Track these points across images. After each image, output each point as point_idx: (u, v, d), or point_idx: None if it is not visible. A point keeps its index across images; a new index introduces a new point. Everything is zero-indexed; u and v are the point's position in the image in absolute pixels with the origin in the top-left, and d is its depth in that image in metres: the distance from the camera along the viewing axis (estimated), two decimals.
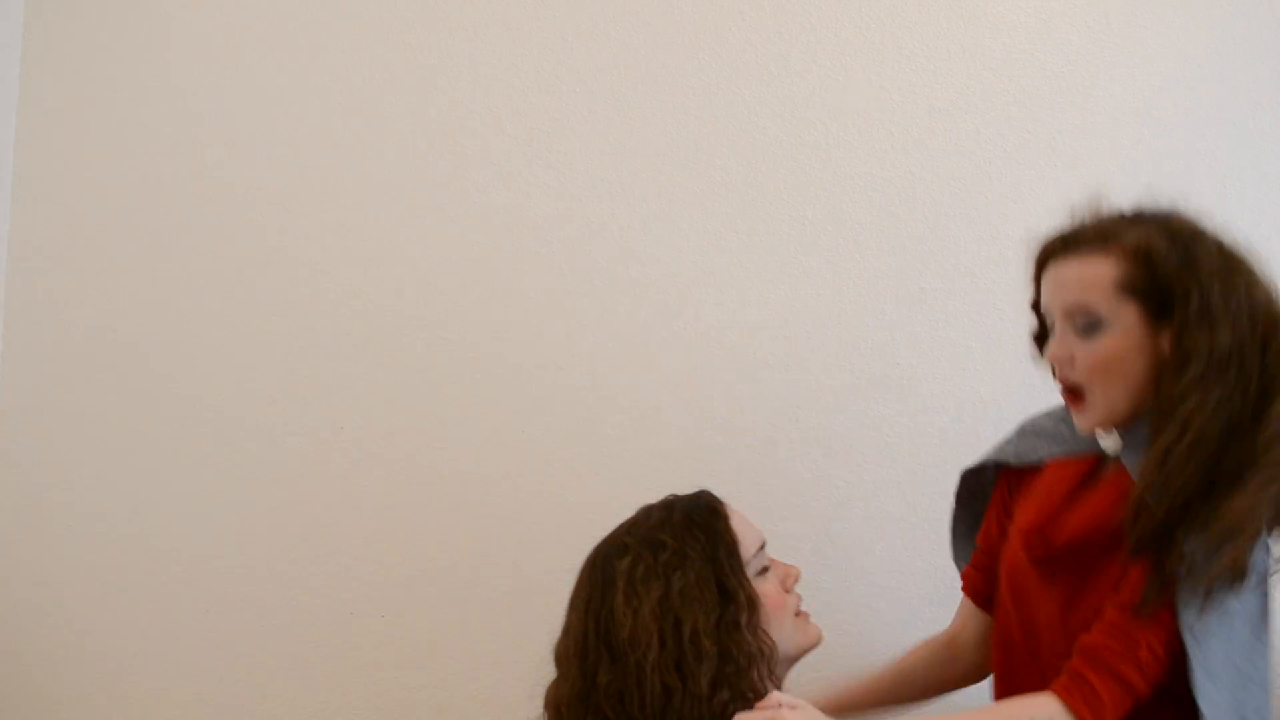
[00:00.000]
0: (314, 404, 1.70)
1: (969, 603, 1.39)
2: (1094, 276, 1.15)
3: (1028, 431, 1.36)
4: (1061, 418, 1.32)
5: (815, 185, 1.74)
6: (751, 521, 1.19)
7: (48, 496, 1.70)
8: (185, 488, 1.70)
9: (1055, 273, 1.20)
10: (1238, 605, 1.06)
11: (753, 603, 1.10)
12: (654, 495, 1.68)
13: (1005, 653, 1.27)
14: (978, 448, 1.69)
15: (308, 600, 1.67)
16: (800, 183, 1.74)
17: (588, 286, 1.73)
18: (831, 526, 1.69)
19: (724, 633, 1.06)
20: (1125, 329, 1.13)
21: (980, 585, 1.36)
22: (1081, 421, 1.19)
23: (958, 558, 1.45)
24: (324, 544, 1.68)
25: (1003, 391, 1.67)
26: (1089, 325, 1.14)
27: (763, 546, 1.18)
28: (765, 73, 1.76)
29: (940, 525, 1.47)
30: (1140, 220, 1.19)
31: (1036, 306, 1.26)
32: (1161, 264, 1.12)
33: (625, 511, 1.67)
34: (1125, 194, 1.78)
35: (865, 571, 1.68)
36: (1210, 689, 1.03)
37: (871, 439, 1.70)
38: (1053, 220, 1.26)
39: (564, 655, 1.11)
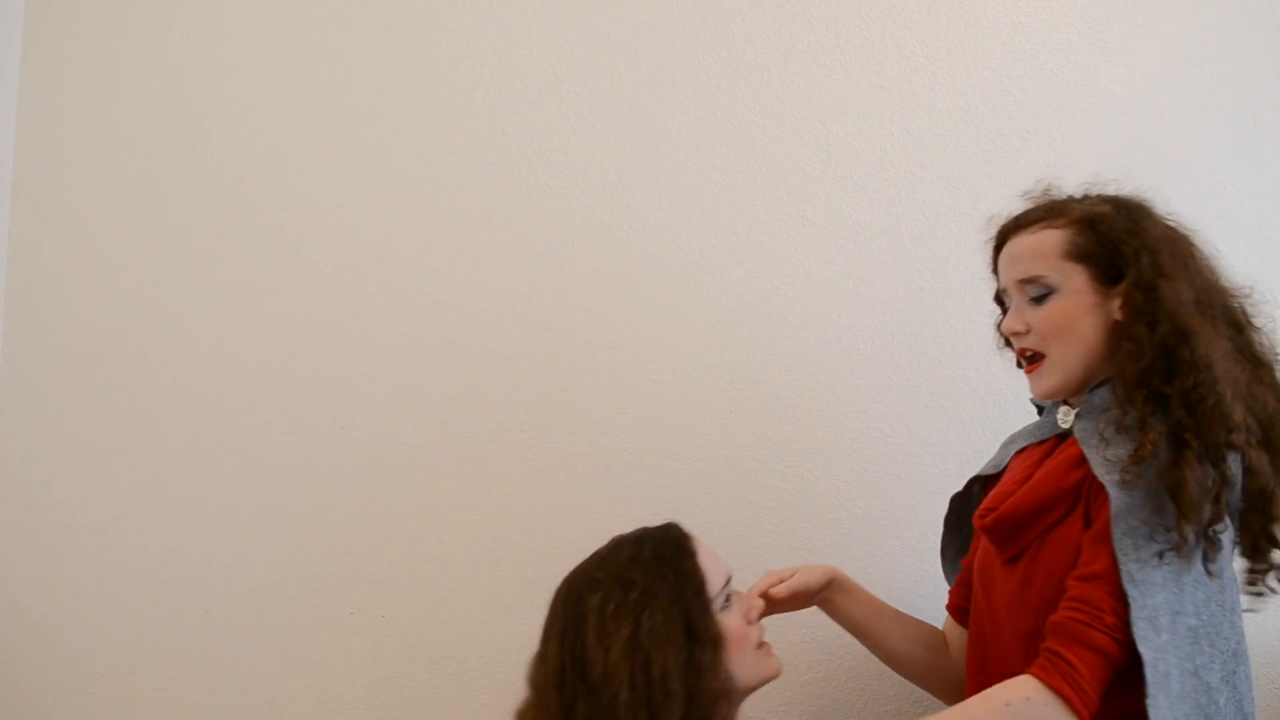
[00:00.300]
0: (315, 404, 1.71)
1: (949, 619, 1.40)
2: (1042, 245, 1.19)
3: (1006, 443, 1.38)
4: (1038, 422, 1.33)
5: (815, 185, 1.74)
6: (718, 554, 1.21)
7: (47, 496, 1.70)
8: (185, 487, 1.70)
9: (1008, 251, 1.24)
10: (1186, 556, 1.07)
11: (717, 642, 1.13)
12: (653, 495, 1.69)
13: (977, 644, 1.28)
14: (979, 447, 1.70)
15: (308, 600, 1.67)
16: (800, 183, 1.74)
17: (587, 286, 1.73)
18: (831, 526, 1.69)
19: (691, 673, 1.08)
20: (1074, 292, 1.16)
21: (960, 601, 1.37)
22: (1037, 384, 1.21)
23: (949, 579, 1.46)
24: (324, 544, 1.68)
25: (1004, 391, 1.67)
26: (1041, 293, 1.18)
27: (728, 580, 1.20)
28: (765, 73, 1.76)
29: (940, 525, 1.48)
30: (1088, 197, 1.23)
31: (1000, 300, 1.29)
32: (1108, 229, 1.16)
33: (624, 510, 1.68)
34: (1124, 194, 1.78)
35: (865, 571, 1.68)
36: (1151, 635, 1.03)
37: (872, 439, 1.70)
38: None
39: (540, 683, 1.14)
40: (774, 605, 1.34)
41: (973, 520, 1.30)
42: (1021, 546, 1.19)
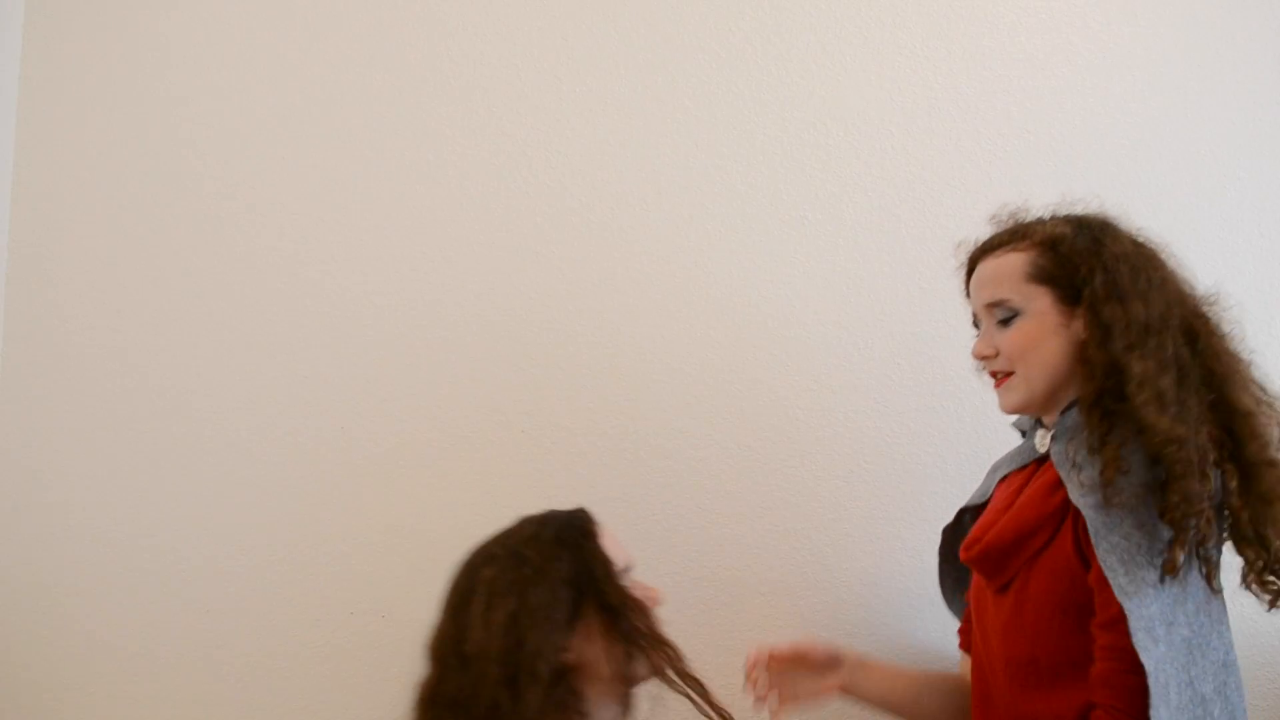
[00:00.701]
0: (315, 404, 1.70)
1: (964, 656, 1.39)
2: (1007, 268, 1.21)
3: (991, 470, 1.38)
4: (1019, 446, 1.34)
5: (815, 185, 1.74)
6: (621, 544, 1.22)
7: (48, 496, 1.70)
8: (185, 487, 1.70)
9: (976, 275, 1.26)
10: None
11: (643, 608, 1.16)
12: (653, 495, 1.69)
13: (978, 675, 1.28)
14: (979, 448, 1.70)
15: (308, 600, 1.67)
16: (800, 183, 1.74)
17: (587, 286, 1.73)
18: (831, 526, 1.69)
19: (559, 654, 1.09)
20: (1039, 313, 1.18)
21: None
22: (1003, 400, 1.23)
23: (953, 611, 1.47)
24: (324, 544, 1.68)
25: None
26: (1007, 316, 1.20)
27: (628, 569, 1.21)
28: (765, 73, 1.76)
29: (941, 525, 1.48)
30: (1054, 218, 1.24)
31: (976, 323, 1.30)
32: (1068, 249, 1.17)
33: (623, 510, 1.68)
34: (1124, 194, 1.79)
35: (865, 572, 1.69)
36: (1150, 646, 1.04)
37: (872, 439, 1.71)
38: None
39: (436, 651, 1.15)
40: (785, 682, 1.32)
41: (959, 554, 1.30)
42: (1010, 575, 1.19)
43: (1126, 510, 1.08)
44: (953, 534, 1.43)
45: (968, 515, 1.40)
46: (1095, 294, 1.14)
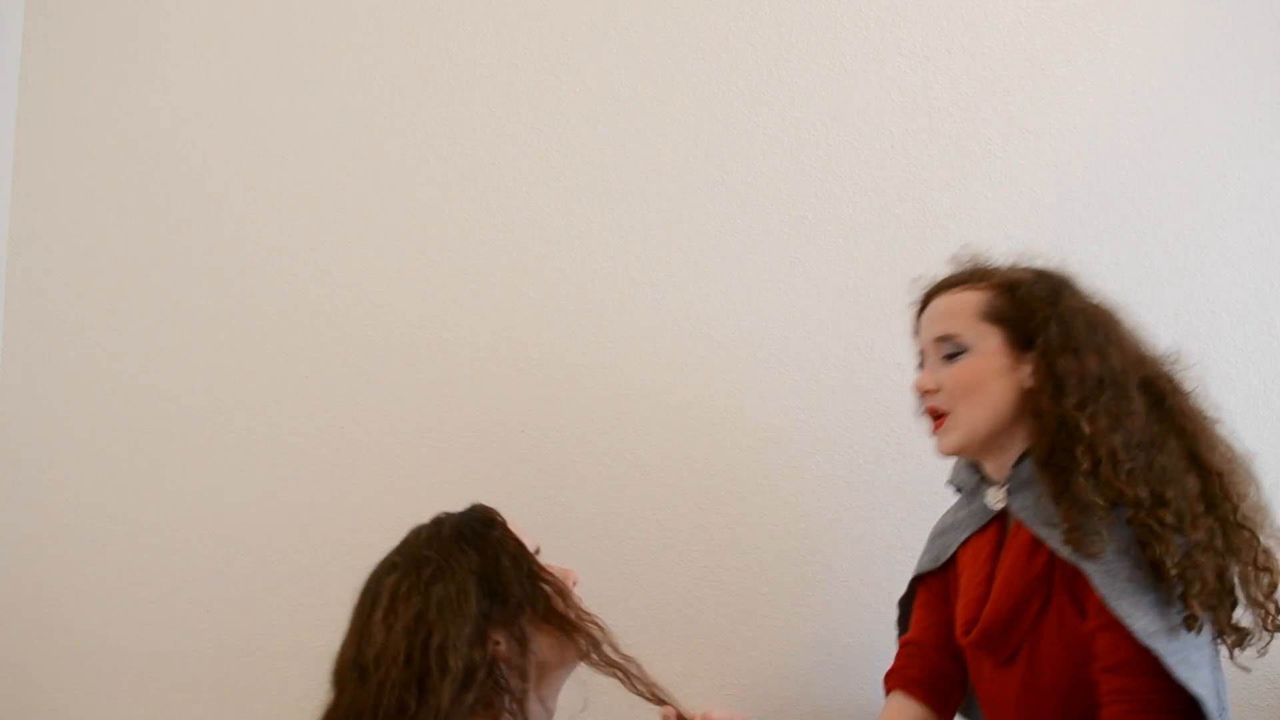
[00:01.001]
0: (315, 404, 1.70)
1: (895, 695, 1.32)
2: (960, 305, 1.19)
3: (936, 535, 1.36)
4: (960, 505, 1.32)
5: (815, 185, 1.74)
6: (525, 529, 1.21)
7: (48, 496, 1.70)
8: (186, 487, 1.70)
9: (929, 310, 1.24)
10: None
11: (564, 590, 1.14)
12: (653, 495, 1.69)
13: None
14: None
15: (308, 600, 1.67)
16: (800, 183, 1.74)
17: (587, 286, 1.73)
18: (831, 527, 1.69)
19: (473, 647, 1.07)
20: (987, 353, 1.16)
21: (917, 673, 1.32)
22: (941, 442, 1.21)
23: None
24: (324, 544, 1.68)
25: None
26: (954, 351, 1.18)
27: (537, 552, 1.20)
28: (765, 72, 1.76)
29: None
30: (1015, 266, 1.23)
31: (922, 363, 1.28)
32: (1025, 294, 1.16)
33: (625, 511, 1.68)
34: (1123, 195, 1.79)
35: (865, 572, 1.68)
36: (1192, 673, 1.04)
37: (872, 439, 1.70)
38: (1051, 218, 1.26)
39: (342, 672, 1.13)
40: None
41: (958, 640, 1.26)
42: (1014, 646, 1.17)
43: (1113, 555, 1.08)
44: (907, 604, 1.40)
45: (919, 583, 1.37)
46: (1050, 344, 1.13)
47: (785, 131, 1.75)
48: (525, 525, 1.28)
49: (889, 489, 1.69)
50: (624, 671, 1.14)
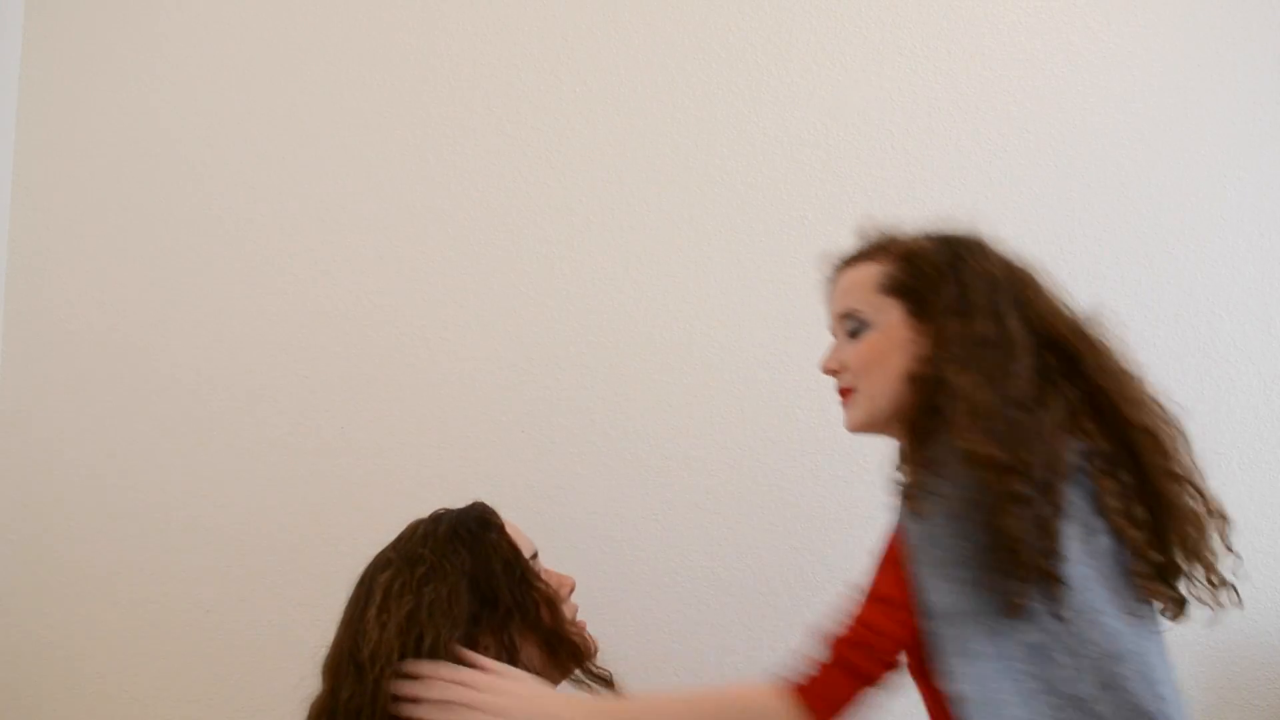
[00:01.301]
0: (315, 404, 1.70)
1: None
2: (860, 279, 1.16)
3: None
4: None
5: (815, 185, 1.74)
6: (524, 532, 1.21)
7: (47, 495, 1.70)
8: (186, 487, 1.70)
9: (833, 287, 1.21)
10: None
11: (552, 600, 1.14)
12: (652, 495, 1.69)
13: None
14: None
15: (308, 601, 1.67)
16: (800, 183, 1.74)
17: (587, 286, 1.73)
18: (832, 526, 1.69)
19: (466, 646, 1.07)
20: (887, 327, 1.12)
21: None
22: (846, 418, 1.19)
23: None
24: (324, 545, 1.68)
25: None
26: (856, 328, 1.15)
27: (534, 555, 1.20)
28: (765, 72, 1.76)
29: None
30: (921, 234, 1.18)
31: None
32: (924, 263, 1.12)
33: (627, 511, 1.68)
34: (1123, 195, 1.79)
35: (865, 572, 1.68)
36: (964, 667, 0.98)
37: (872, 439, 1.70)
38: (1051, 218, 1.26)
39: (324, 668, 1.14)
40: None
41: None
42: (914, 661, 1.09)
43: (942, 520, 1.00)
44: None
45: None
46: (942, 307, 1.07)
47: (785, 131, 1.75)
48: (525, 525, 1.28)
49: (889, 488, 1.69)
50: (603, 689, 1.14)
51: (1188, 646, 1.64)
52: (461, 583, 1.10)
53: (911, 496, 1.05)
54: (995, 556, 0.97)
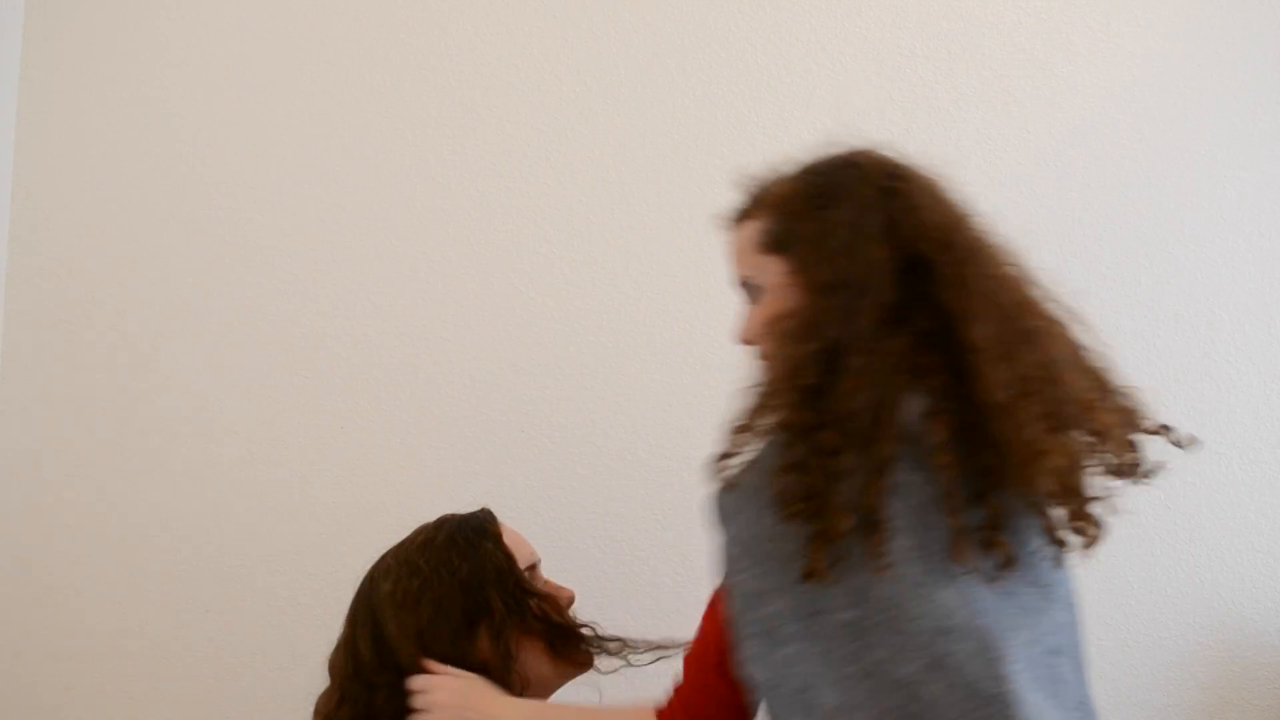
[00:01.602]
0: (315, 403, 1.70)
1: None
2: (742, 243, 1.05)
3: None
4: None
5: None
6: (527, 540, 1.23)
7: (47, 495, 1.70)
8: (186, 487, 1.70)
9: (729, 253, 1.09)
10: None
11: (542, 607, 1.16)
12: (653, 494, 1.69)
13: None
14: None
15: (308, 600, 1.67)
16: None
17: (588, 286, 1.73)
18: None
19: (461, 655, 1.11)
20: (772, 288, 1.00)
21: None
22: None
23: None
24: (324, 544, 1.68)
25: None
26: (752, 294, 1.04)
27: (536, 565, 1.22)
28: (765, 72, 1.76)
29: None
30: (797, 169, 1.07)
31: None
32: (790, 208, 1.01)
33: (628, 511, 1.68)
34: (1123, 195, 1.79)
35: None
36: (765, 652, 0.91)
37: None
38: (1051, 218, 1.25)
39: (340, 670, 1.16)
40: None
41: None
42: None
43: (749, 493, 0.93)
44: None
45: None
46: (803, 253, 0.97)
47: (785, 131, 1.75)
48: (525, 526, 1.28)
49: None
50: (620, 649, 1.18)
51: (1188, 646, 1.64)
52: (456, 591, 1.13)
53: (717, 470, 0.97)
54: (799, 519, 0.86)
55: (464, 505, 1.68)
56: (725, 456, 0.97)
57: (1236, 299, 1.73)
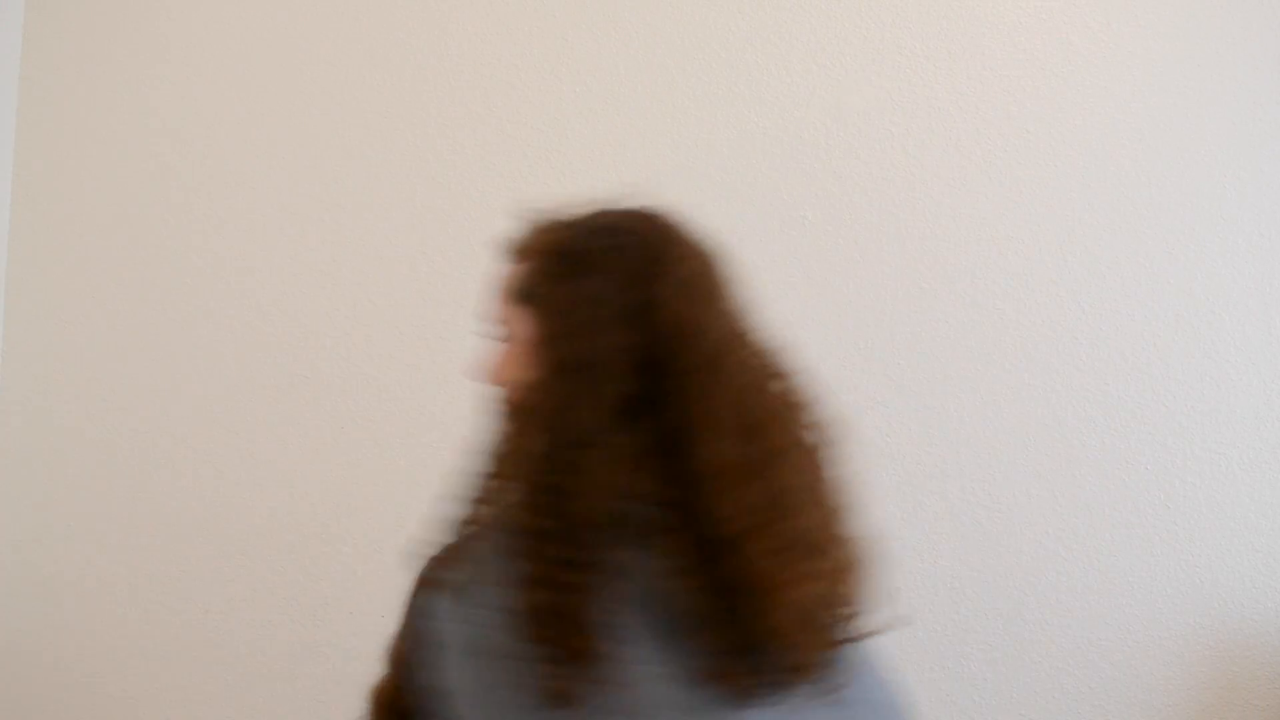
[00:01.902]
0: (315, 403, 1.71)
1: None
2: (505, 283, 0.99)
3: None
4: None
5: (815, 185, 1.74)
6: None
7: (47, 495, 1.70)
8: (186, 487, 1.70)
9: None
10: None
11: None
12: None
13: None
14: (980, 448, 1.70)
15: (308, 600, 1.67)
16: (800, 183, 1.74)
17: None
18: None
19: None
20: (521, 343, 0.95)
21: None
22: None
23: None
24: (324, 544, 1.68)
25: (1004, 391, 1.67)
26: (502, 335, 0.98)
27: None
28: (765, 73, 1.76)
29: (942, 526, 1.47)
30: (575, 219, 1.02)
31: None
32: (549, 265, 0.96)
33: None
34: (1123, 195, 1.79)
35: None
36: None
37: (871, 438, 1.70)
38: (1051, 218, 1.25)
39: (388, 656, 1.14)
40: None
41: None
42: None
43: (475, 599, 0.89)
44: None
45: None
46: (546, 321, 0.92)
47: (785, 131, 1.75)
48: None
49: (890, 490, 1.69)
50: None
51: (1188, 646, 1.64)
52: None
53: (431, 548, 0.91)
54: (548, 641, 0.80)
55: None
56: (443, 535, 0.90)
57: (1236, 299, 1.74)
